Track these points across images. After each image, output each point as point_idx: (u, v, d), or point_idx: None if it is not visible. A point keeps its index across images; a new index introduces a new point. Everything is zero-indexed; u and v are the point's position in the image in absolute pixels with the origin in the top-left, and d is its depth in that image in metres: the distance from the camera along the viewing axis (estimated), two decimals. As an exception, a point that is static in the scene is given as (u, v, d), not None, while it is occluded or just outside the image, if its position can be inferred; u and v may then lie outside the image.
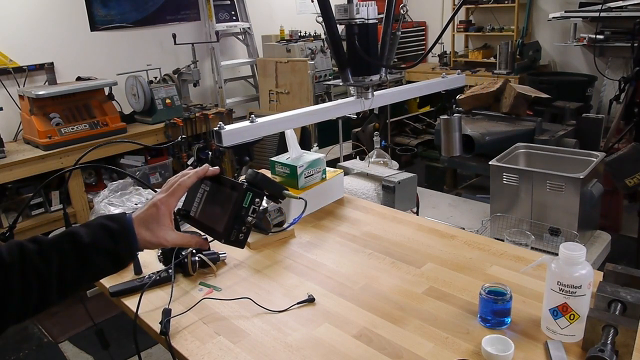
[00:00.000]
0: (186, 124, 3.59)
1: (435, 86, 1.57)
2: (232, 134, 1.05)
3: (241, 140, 1.08)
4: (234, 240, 0.93)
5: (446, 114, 1.64)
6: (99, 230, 0.86)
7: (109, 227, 0.87)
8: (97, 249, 0.85)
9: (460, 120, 1.66)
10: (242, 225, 0.92)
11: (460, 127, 1.66)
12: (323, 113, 1.33)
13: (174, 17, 4.15)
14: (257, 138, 1.11)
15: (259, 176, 0.96)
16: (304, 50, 4.29)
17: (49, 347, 2.73)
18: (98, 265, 0.86)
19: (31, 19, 3.40)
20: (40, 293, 0.80)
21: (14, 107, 3.26)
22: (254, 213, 0.93)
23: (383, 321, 1.10)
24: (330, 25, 1.27)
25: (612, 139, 3.23)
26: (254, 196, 0.92)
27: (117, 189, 1.68)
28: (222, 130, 1.04)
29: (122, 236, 0.87)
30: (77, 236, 0.84)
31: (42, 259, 0.80)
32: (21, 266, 0.78)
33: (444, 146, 1.70)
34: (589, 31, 4.38)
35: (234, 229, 0.92)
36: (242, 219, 0.92)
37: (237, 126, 1.09)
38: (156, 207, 0.92)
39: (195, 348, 1.05)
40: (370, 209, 1.71)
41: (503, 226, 1.95)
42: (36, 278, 0.79)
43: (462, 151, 1.71)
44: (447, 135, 1.66)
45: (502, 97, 2.85)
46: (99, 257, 0.85)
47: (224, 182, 0.97)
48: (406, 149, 5.03)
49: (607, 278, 1.05)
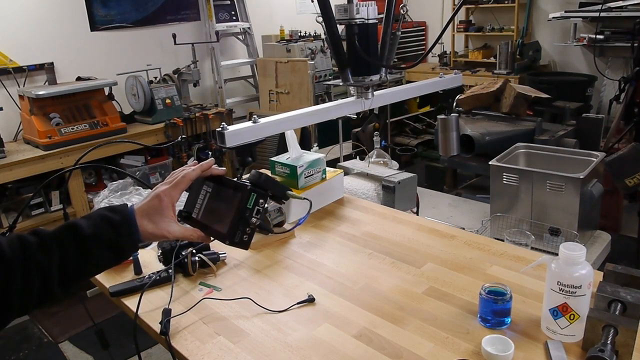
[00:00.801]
0: (186, 124, 3.59)
1: (433, 86, 1.57)
2: (235, 135, 1.05)
3: (244, 141, 1.08)
4: (238, 242, 0.92)
5: (443, 114, 1.64)
6: (100, 222, 0.85)
7: (110, 219, 0.86)
8: (98, 241, 0.84)
9: (457, 119, 1.66)
10: (246, 227, 0.92)
11: (458, 127, 1.67)
12: (324, 113, 1.33)
13: (174, 17, 4.15)
14: (260, 139, 1.11)
15: (263, 177, 0.95)
16: (304, 50, 4.29)
17: (49, 347, 2.73)
18: (99, 257, 0.85)
19: (31, 19, 3.40)
20: (42, 286, 0.79)
21: (14, 107, 3.26)
22: (258, 214, 0.92)
23: (383, 321, 1.10)
24: (330, 25, 1.27)
25: (612, 139, 3.23)
26: (258, 197, 0.92)
27: (117, 189, 1.68)
28: (225, 131, 1.03)
29: (123, 227, 0.86)
30: (78, 228, 0.83)
31: (43, 252, 0.79)
32: (22, 259, 0.78)
33: (441, 146, 1.70)
34: (589, 31, 4.38)
35: (239, 230, 0.91)
36: (247, 220, 0.92)
37: (240, 127, 1.09)
38: (159, 198, 0.91)
39: (195, 348, 1.05)
40: (370, 209, 1.71)
41: (503, 226, 1.95)
42: (38, 271, 0.79)
43: (460, 151, 1.71)
44: (445, 134, 1.67)
45: (502, 97, 2.85)
46: (101, 249, 0.84)
47: (226, 183, 0.97)
48: (406, 149, 5.03)
49: (607, 278, 1.05)
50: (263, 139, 1.12)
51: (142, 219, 0.89)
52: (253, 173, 0.97)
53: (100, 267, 0.88)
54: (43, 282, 0.79)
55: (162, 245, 1.36)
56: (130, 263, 1.39)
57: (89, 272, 0.87)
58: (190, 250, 1.32)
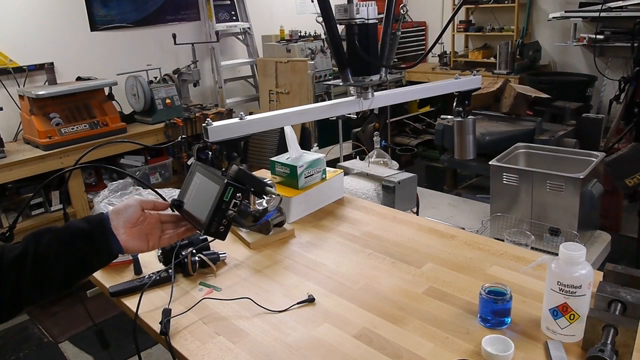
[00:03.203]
0: (186, 124, 3.59)
1: (451, 87, 1.54)
2: (219, 130, 1.07)
3: (228, 136, 1.09)
4: (214, 232, 0.96)
5: (460, 116, 1.61)
6: (73, 223, 0.90)
7: (80, 222, 0.91)
8: (72, 233, 0.88)
9: (474, 122, 1.62)
10: (222, 218, 0.95)
11: (474, 130, 1.62)
12: (317, 112, 1.32)
13: (174, 17, 4.15)
14: (243, 135, 1.12)
15: (241, 172, 0.99)
16: (304, 50, 4.28)
17: (49, 347, 2.73)
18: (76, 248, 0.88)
19: (31, 19, 3.40)
20: (15, 287, 0.83)
21: (14, 107, 3.26)
22: (235, 207, 0.96)
23: (383, 321, 1.10)
24: (330, 25, 1.27)
25: (612, 139, 3.23)
26: (235, 190, 0.95)
27: (117, 189, 1.68)
28: (208, 127, 1.05)
29: (94, 220, 0.91)
30: (51, 229, 0.88)
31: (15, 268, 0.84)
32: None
33: (457, 149, 1.65)
34: (589, 31, 4.38)
35: (214, 221, 0.95)
36: (223, 212, 0.95)
37: (225, 123, 1.10)
38: (130, 202, 0.96)
39: (195, 348, 1.05)
40: (370, 209, 1.71)
41: (503, 226, 1.95)
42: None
43: (476, 154, 1.66)
44: (461, 137, 1.62)
45: (502, 97, 2.85)
46: (76, 240, 0.88)
47: (210, 176, 1.01)
48: (406, 149, 5.03)
49: (607, 278, 1.05)
50: (248, 135, 1.13)
51: (112, 214, 0.94)
52: (233, 168, 1.01)
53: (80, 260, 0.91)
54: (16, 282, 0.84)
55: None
56: (130, 263, 1.39)
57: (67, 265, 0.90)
58: (190, 250, 1.33)
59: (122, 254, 0.94)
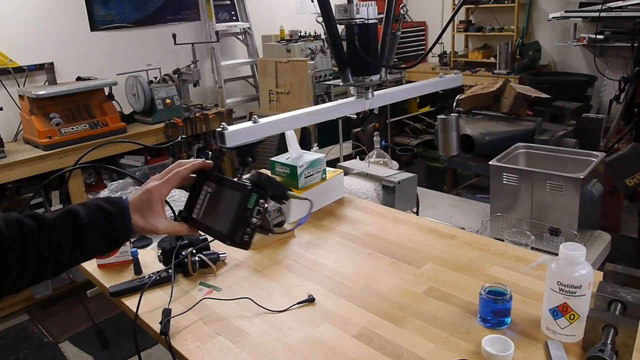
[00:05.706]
0: (186, 124, 3.59)
1: (433, 86, 1.57)
2: (236, 135, 1.05)
3: (244, 141, 1.08)
4: (239, 242, 0.92)
5: (443, 114, 1.64)
6: (98, 213, 0.88)
7: (107, 210, 0.88)
8: (95, 231, 0.86)
9: (457, 119, 1.66)
10: (247, 227, 0.92)
11: (458, 127, 1.67)
12: (324, 113, 1.33)
13: (174, 17, 4.15)
14: (260, 139, 1.11)
15: (264, 177, 0.95)
16: (304, 50, 4.29)
17: (49, 347, 2.73)
18: (94, 246, 0.88)
19: (31, 19, 3.40)
20: (37, 269, 0.82)
21: (14, 107, 3.26)
22: (259, 214, 0.92)
23: (383, 321, 1.10)
24: (330, 25, 1.27)
25: (612, 139, 3.23)
26: (259, 197, 0.91)
27: (117, 189, 1.68)
28: (225, 131, 1.03)
29: (119, 220, 0.89)
30: (77, 216, 0.85)
31: (42, 236, 0.82)
32: (21, 241, 0.80)
33: (441, 146, 1.71)
34: (589, 31, 4.38)
35: (239, 231, 0.91)
36: (247, 221, 0.91)
37: (240, 127, 1.09)
38: (149, 193, 0.93)
39: (195, 348, 1.05)
40: (370, 209, 1.71)
41: (503, 226, 1.95)
42: (35, 254, 0.81)
43: (460, 150, 1.71)
44: (445, 134, 1.67)
45: (502, 97, 2.84)
46: (96, 239, 0.87)
47: (227, 183, 0.96)
48: (406, 149, 5.03)
49: (607, 278, 1.05)
50: (263, 139, 1.12)
51: (133, 212, 0.91)
52: (253, 173, 0.97)
53: (93, 255, 0.92)
54: (39, 265, 0.82)
55: (162, 245, 1.36)
56: (130, 263, 1.39)
57: (82, 258, 0.90)
58: (190, 250, 1.32)
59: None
